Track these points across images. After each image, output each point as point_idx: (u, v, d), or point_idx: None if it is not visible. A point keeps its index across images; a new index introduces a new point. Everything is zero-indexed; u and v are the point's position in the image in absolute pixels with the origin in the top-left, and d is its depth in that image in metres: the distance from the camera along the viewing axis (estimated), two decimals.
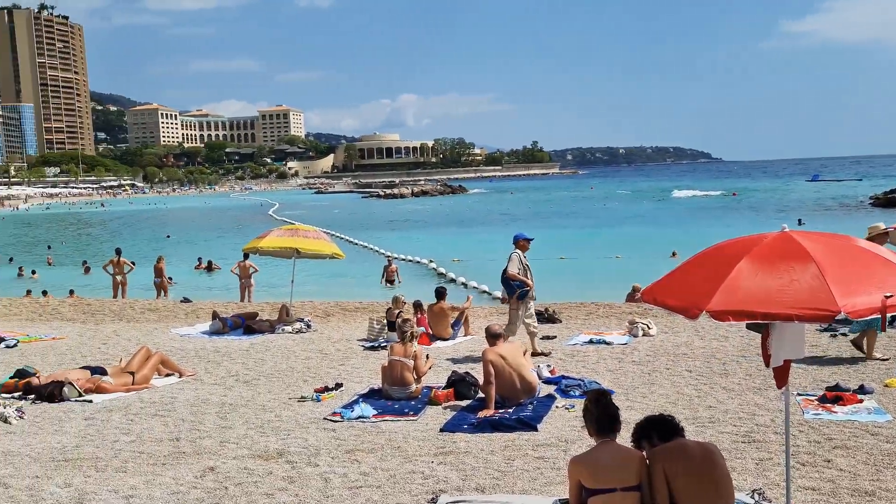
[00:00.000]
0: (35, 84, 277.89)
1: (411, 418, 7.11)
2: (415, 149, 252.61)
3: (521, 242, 10.34)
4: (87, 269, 29.75)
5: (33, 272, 29.73)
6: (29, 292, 21.20)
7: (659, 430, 4.30)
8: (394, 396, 7.85)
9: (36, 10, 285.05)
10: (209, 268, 29.43)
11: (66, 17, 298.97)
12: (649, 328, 11.21)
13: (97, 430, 7.02)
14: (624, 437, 4.47)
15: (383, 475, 5.56)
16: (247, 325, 12.83)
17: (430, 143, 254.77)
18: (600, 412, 4.35)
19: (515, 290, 10.03)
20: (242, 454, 6.17)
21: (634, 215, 57.28)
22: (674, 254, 24.25)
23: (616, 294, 16.51)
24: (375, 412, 7.24)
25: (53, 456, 6.23)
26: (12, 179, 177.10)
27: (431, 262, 28.14)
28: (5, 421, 7.23)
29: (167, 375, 9.30)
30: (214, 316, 13.19)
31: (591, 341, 10.83)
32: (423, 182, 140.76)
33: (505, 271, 10.10)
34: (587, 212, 64.34)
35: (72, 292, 20.96)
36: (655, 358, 9.56)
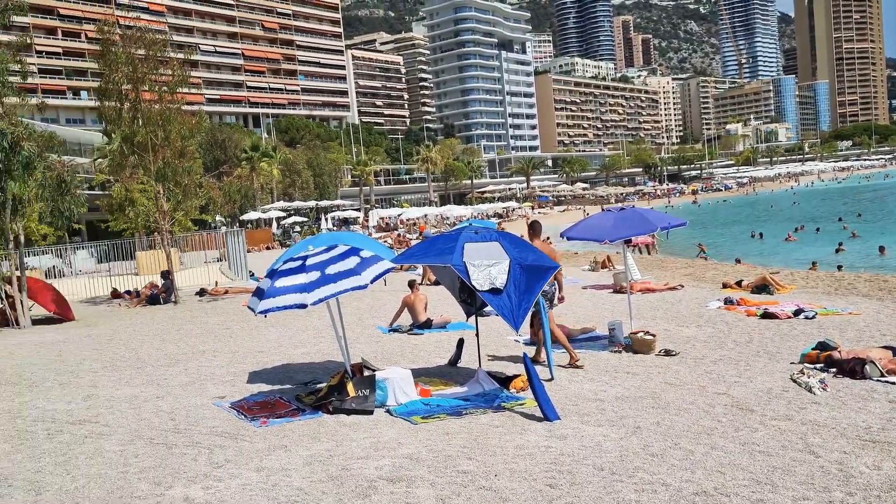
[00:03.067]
0: (830, 59, 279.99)
1: None
2: None
3: None
4: (883, 250, 28.69)
5: (839, 246, 30.65)
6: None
7: None
8: None
9: None
10: None
11: None
12: None
13: None
14: None
15: None
16: None
17: None
18: None
19: None
20: None
21: None
22: None
23: None
24: None
25: (859, 434, 6.20)
26: (805, 156, 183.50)
27: None
28: (810, 390, 7.55)
29: None
30: None
31: None
32: None
33: None
34: None
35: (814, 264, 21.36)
36: None
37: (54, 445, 7.03)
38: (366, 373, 8.13)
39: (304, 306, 7.22)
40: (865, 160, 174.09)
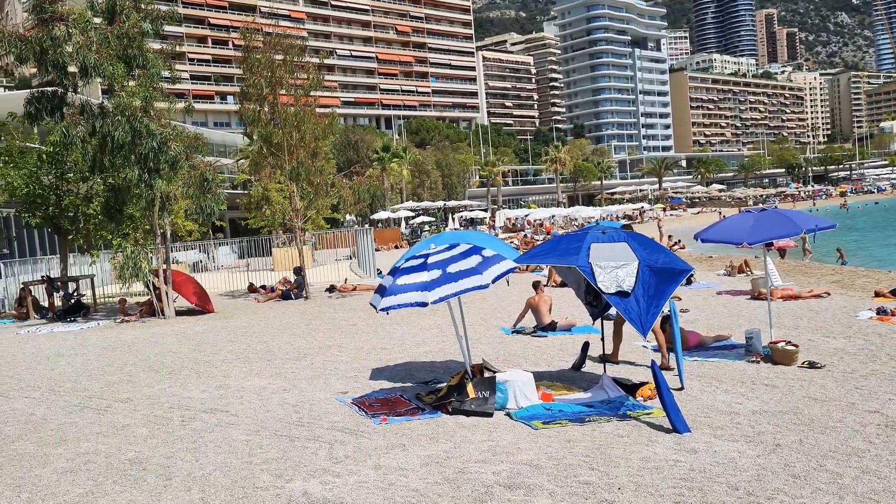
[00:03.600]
0: None
1: None
2: None
3: None
4: None
5: None
6: None
7: None
8: None
9: None
10: None
11: None
12: None
13: None
14: None
15: None
16: None
17: None
18: None
19: None
20: None
21: None
22: None
23: None
24: None
25: None
26: None
27: None
28: None
29: None
30: None
31: None
32: None
33: None
34: None
35: None
36: None
37: (186, 432, 7.35)
38: (486, 374, 8.00)
39: (424, 304, 7.18)
40: None
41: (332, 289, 21.36)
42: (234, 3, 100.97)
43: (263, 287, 22.41)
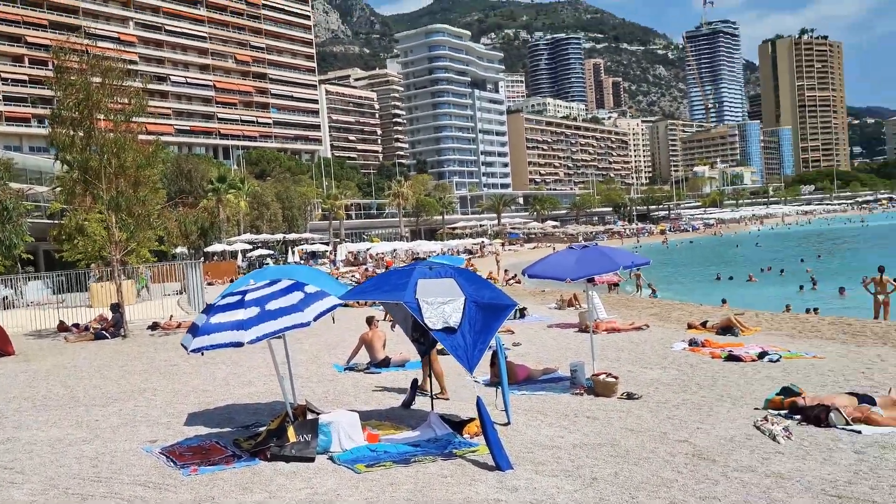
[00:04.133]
0: (793, 107, 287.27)
1: None
2: None
3: None
4: (842, 291, 28.77)
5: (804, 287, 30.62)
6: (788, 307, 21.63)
7: None
8: None
9: (797, 37, 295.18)
10: None
11: (825, 37, 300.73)
12: None
13: (870, 467, 6.34)
14: None
15: None
16: None
17: None
18: None
19: None
20: None
21: None
22: None
23: None
24: None
25: (824, 488, 5.85)
26: (770, 199, 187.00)
27: None
28: (774, 439, 7.21)
29: None
30: None
31: None
32: None
33: None
34: None
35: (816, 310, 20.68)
36: None
37: None
38: (309, 416, 7.64)
39: (240, 344, 6.75)
40: (828, 204, 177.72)
41: (154, 326, 20.03)
42: (54, 22, 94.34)
43: (77, 325, 20.64)
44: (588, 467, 6.51)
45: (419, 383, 9.56)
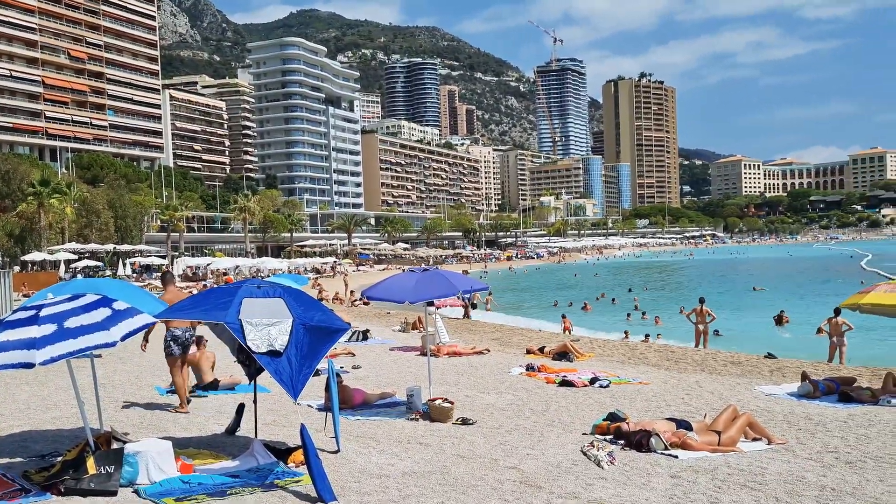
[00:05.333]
0: (632, 144, 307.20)
1: None
2: None
3: None
4: (658, 320, 30.75)
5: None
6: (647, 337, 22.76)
7: None
8: None
9: (636, 79, 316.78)
10: (779, 320, 28.49)
11: (661, 82, 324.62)
12: None
13: (684, 491, 6.54)
14: None
15: None
16: (842, 390, 11.12)
17: None
18: None
19: None
20: None
21: None
22: None
23: None
24: None
25: None
26: (609, 231, 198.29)
27: None
28: (598, 464, 7.32)
29: (754, 440, 8.42)
30: (804, 377, 11.81)
31: None
32: None
33: None
34: None
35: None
36: None
37: None
38: (114, 445, 6.92)
39: (30, 366, 5.98)
40: (660, 238, 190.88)
41: None
42: None
43: None
44: (415, 497, 6.28)
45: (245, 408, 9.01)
